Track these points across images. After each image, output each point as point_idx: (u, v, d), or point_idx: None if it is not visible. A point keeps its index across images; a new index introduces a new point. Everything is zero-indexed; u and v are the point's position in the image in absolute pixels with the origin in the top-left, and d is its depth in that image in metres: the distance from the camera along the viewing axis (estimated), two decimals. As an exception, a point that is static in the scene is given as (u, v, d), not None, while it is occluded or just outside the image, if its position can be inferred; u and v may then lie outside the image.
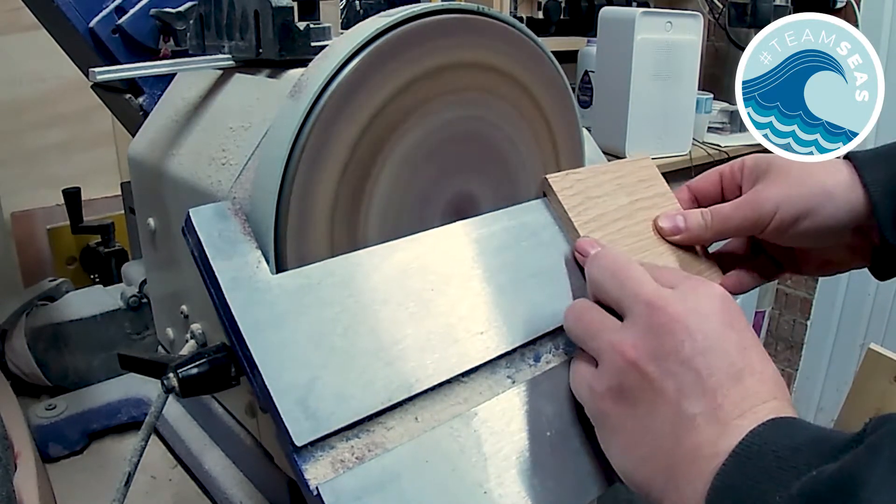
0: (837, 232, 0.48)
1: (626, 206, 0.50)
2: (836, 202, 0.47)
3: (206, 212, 0.38)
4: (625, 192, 0.50)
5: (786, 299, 2.15)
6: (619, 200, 0.49)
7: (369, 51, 0.39)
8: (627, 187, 0.51)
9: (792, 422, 0.32)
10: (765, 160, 0.49)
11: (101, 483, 0.64)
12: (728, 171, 0.52)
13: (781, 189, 0.47)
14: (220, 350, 0.41)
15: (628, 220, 0.49)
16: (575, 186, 0.48)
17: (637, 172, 0.52)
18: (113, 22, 0.64)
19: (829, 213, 0.47)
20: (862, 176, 0.47)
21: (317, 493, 0.33)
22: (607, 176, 0.50)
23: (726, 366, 0.34)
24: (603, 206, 0.48)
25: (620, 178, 0.51)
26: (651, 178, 0.53)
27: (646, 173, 0.53)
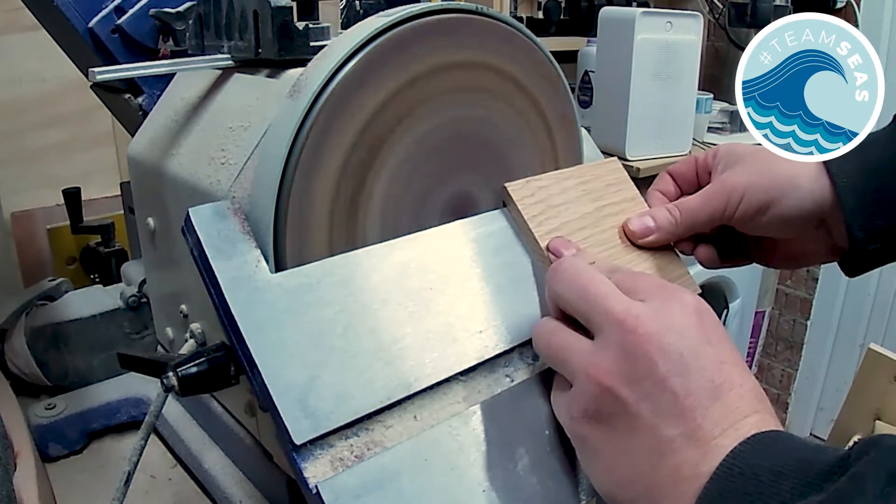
0: (802, 223, 0.48)
1: (592, 214, 0.48)
2: (801, 192, 0.46)
3: (205, 211, 0.39)
4: (591, 199, 0.48)
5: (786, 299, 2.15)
6: (585, 207, 0.48)
7: (368, 50, 0.39)
8: (593, 193, 0.49)
9: (774, 438, 0.31)
10: (737, 149, 0.49)
11: (100, 482, 0.64)
12: (703, 159, 0.52)
13: (748, 177, 0.47)
14: (220, 349, 0.41)
15: (594, 228, 0.47)
16: (537, 194, 0.46)
17: (604, 177, 0.50)
18: (112, 22, 0.64)
19: (793, 203, 0.47)
20: (829, 167, 0.46)
21: (316, 492, 0.33)
22: (571, 182, 0.48)
23: (704, 383, 0.33)
24: (567, 214, 0.46)
25: (586, 184, 0.49)
26: (619, 183, 0.51)
27: (613, 177, 0.51)
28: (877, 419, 1.01)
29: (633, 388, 0.33)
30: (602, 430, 0.35)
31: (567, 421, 0.37)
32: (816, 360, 2.12)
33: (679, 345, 0.34)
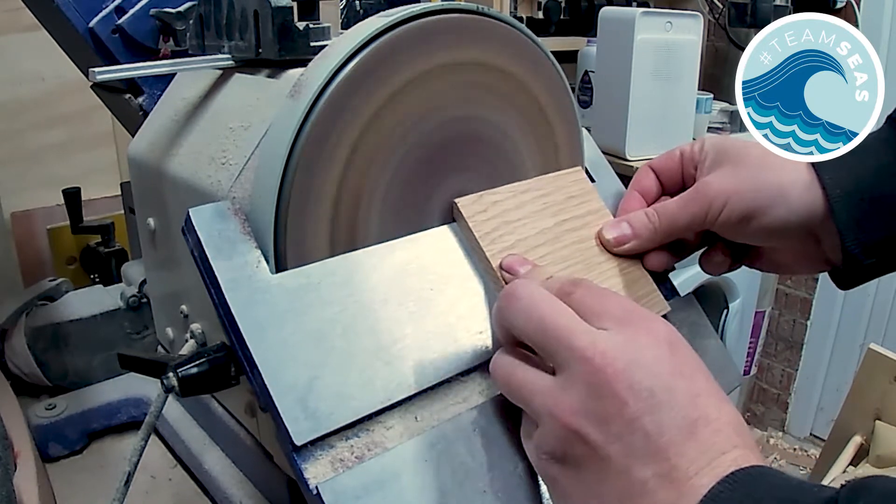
0: (789, 234, 0.45)
1: (552, 229, 0.45)
2: (790, 203, 0.43)
3: (205, 211, 0.39)
4: (550, 213, 0.46)
5: (786, 299, 2.15)
6: (544, 223, 0.45)
7: (369, 50, 0.39)
8: (554, 206, 0.46)
9: (755, 476, 0.29)
10: (724, 145, 0.46)
11: (100, 483, 0.64)
12: (688, 152, 0.48)
13: (733, 182, 0.44)
14: (220, 349, 0.41)
15: (554, 245, 0.45)
16: (490, 210, 0.44)
17: (566, 188, 0.47)
18: (113, 22, 0.64)
19: (780, 214, 0.44)
20: (821, 176, 0.43)
21: (316, 493, 0.33)
22: (529, 195, 0.46)
23: (678, 420, 0.31)
24: (524, 230, 0.44)
25: (546, 197, 0.46)
26: (582, 195, 0.48)
27: (577, 188, 0.48)
28: (877, 419, 1.01)
29: (602, 429, 0.31)
30: (571, 472, 0.33)
31: (535, 461, 0.35)
32: (816, 360, 2.12)
33: (649, 381, 0.31)
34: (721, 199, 0.44)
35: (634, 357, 0.32)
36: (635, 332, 0.33)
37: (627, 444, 0.31)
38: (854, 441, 1.02)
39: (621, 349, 0.32)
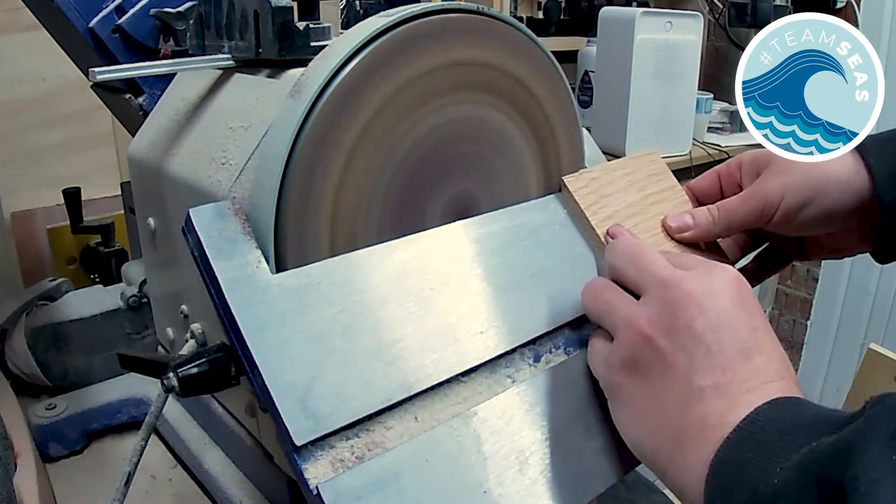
0: (843, 216, 0.48)
1: (639, 202, 0.51)
2: (841, 186, 0.47)
3: (206, 211, 0.39)
4: (636, 188, 0.51)
5: (786, 299, 2.15)
6: (632, 196, 0.51)
7: (369, 50, 0.39)
8: (638, 183, 0.52)
9: (797, 401, 0.33)
10: (765, 155, 0.50)
11: (101, 483, 0.64)
12: (726, 170, 0.53)
13: (785, 178, 0.48)
14: (220, 349, 0.41)
15: (642, 216, 0.50)
16: (589, 185, 0.50)
17: (646, 167, 0.53)
18: (113, 22, 0.64)
19: (834, 198, 0.47)
20: (866, 159, 0.47)
21: (317, 493, 0.33)
22: (618, 173, 0.51)
23: (737, 343, 0.35)
24: (616, 202, 0.50)
25: (631, 175, 0.52)
26: (660, 173, 0.54)
27: (654, 168, 0.54)
28: (877, 419, 1.01)
29: (672, 339, 0.36)
30: (637, 378, 0.37)
31: (603, 371, 0.40)
32: (816, 360, 2.12)
33: (716, 305, 0.36)
34: (777, 192, 0.48)
35: (706, 286, 0.37)
36: (710, 271, 0.38)
37: (691, 356, 0.35)
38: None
39: (696, 278, 0.37)
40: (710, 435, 0.34)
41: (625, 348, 0.38)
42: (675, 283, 0.37)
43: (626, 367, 0.38)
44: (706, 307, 0.36)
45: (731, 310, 0.36)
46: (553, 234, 0.48)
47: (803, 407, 0.33)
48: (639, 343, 0.37)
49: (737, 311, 0.36)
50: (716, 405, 0.34)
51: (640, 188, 0.52)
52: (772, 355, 0.36)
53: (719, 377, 0.35)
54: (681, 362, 0.36)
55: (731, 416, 0.33)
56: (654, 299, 0.38)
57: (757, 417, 0.33)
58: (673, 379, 0.36)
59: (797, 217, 0.48)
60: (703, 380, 0.35)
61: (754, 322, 0.37)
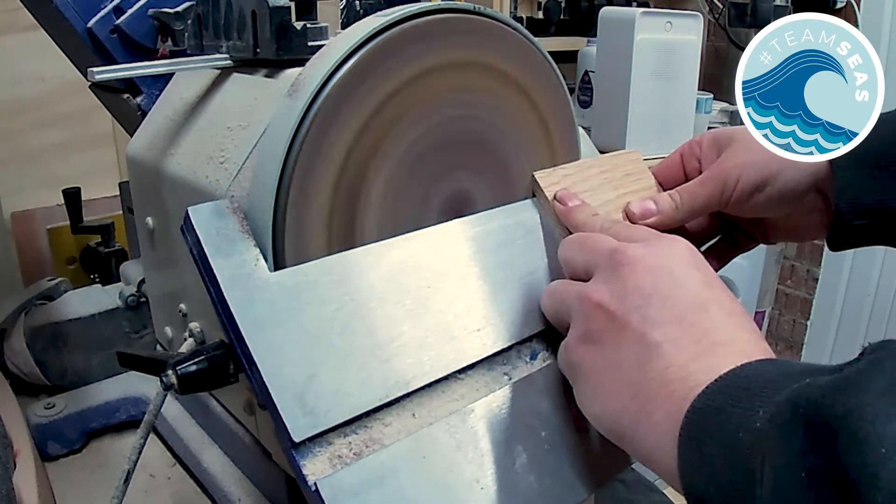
0: (798, 196, 0.48)
1: (613, 201, 0.50)
2: (798, 165, 0.46)
3: (204, 210, 0.39)
4: (611, 186, 0.50)
5: (786, 299, 2.15)
6: (606, 195, 0.50)
7: (366, 50, 0.39)
8: (614, 181, 0.51)
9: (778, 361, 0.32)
10: (725, 133, 0.49)
11: (100, 481, 0.64)
12: (687, 150, 0.52)
13: (742, 157, 0.47)
14: (219, 347, 0.41)
15: (614, 215, 0.49)
16: (562, 182, 0.49)
17: (624, 166, 0.52)
18: (111, 22, 0.64)
19: (790, 177, 0.47)
20: None
21: (315, 489, 0.33)
22: (594, 170, 0.51)
23: (691, 297, 0.35)
24: (589, 200, 0.48)
25: (607, 173, 0.51)
26: (638, 172, 0.53)
27: (633, 167, 0.53)
28: (876, 419, 1.01)
29: (622, 301, 0.35)
30: (594, 349, 0.36)
31: (564, 356, 0.39)
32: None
33: (667, 266, 0.36)
34: (735, 172, 0.47)
35: (654, 250, 0.37)
36: (658, 239, 0.38)
37: (644, 314, 0.34)
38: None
39: (644, 246, 0.37)
40: (676, 387, 0.32)
41: (579, 323, 0.37)
42: (621, 251, 0.37)
43: (583, 341, 0.37)
44: (655, 267, 0.35)
45: (682, 269, 0.36)
46: (549, 232, 0.48)
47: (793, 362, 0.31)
48: (591, 312, 0.36)
49: (688, 271, 0.36)
50: (676, 357, 0.33)
51: (615, 186, 0.51)
52: (732, 310, 0.35)
53: (675, 330, 0.34)
54: (633, 321, 0.35)
55: (695, 366, 0.32)
56: (603, 271, 0.37)
57: (741, 370, 0.31)
58: (628, 340, 0.35)
59: (752, 198, 0.47)
60: (658, 334, 0.34)
61: (709, 280, 0.36)
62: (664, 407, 0.32)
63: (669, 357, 0.33)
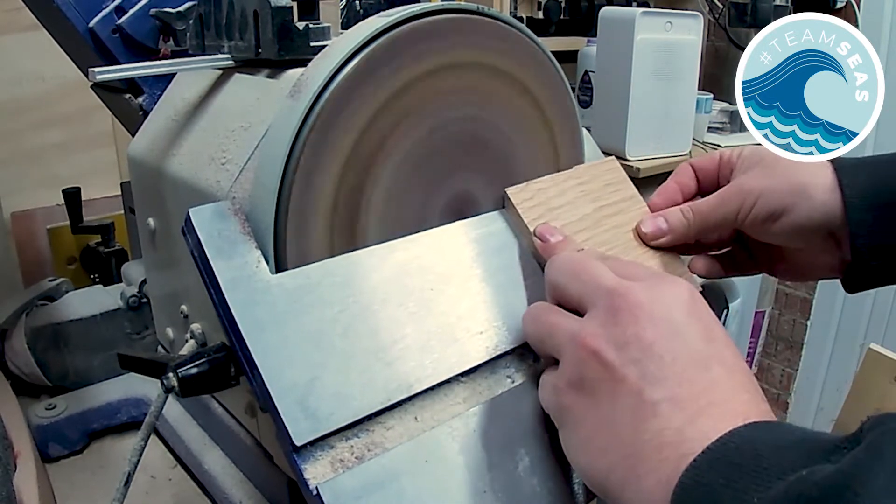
0: (811, 233, 0.47)
1: (592, 215, 0.48)
2: (813, 202, 0.45)
3: (205, 211, 0.39)
4: (589, 199, 0.48)
5: (786, 299, 2.15)
6: (584, 209, 0.48)
7: (369, 51, 0.39)
8: (592, 194, 0.49)
9: (775, 424, 0.30)
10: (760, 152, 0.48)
11: (101, 483, 0.64)
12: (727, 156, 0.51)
13: (763, 182, 0.47)
14: (220, 350, 0.41)
15: (594, 230, 0.47)
16: (536, 197, 0.47)
17: (602, 177, 0.50)
18: (113, 22, 0.64)
19: (804, 213, 0.46)
20: (840, 179, 0.45)
21: (316, 493, 0.33)
22: (570, 183, 0.48)
23: (692, 352, 0.32)
24: (566, 215, 0.47)
25: (584, 185, 0.49)
26: (617, 182, 0.51)
27: (611, 177, 0.51)
28: (877, 419, 1.01)
29: (620, 352, 0.33)
30: (586, 398, 0.34)
31: (551, 397, 0.36)
32: (816, 360, 2.12)
33: (669, 315, 0.33)
34: (752, 196, 0.46)
35: (657, 295, 0.34)
36: (660, 281, 0.35)
37: (642, 368, 0.32)
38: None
39: (645, 290, 0.34)
40: (668, 453, 0.30)
41: (571, 368, 0.35)
42: (621, 293, 0.34)
43: (574, 387, 0.34)
44: (657, 316, 0.33)
45: (684, 320, 0.33)
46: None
47: (786, 429, 0.29)
48: (585, 359, 0.34)
49: (691, 322, 0.33)
50: (672, 419, 0.31)
51: (593, 199, 0.48)
52: (734, 367, 0.33)
53: (674, 389, 0.31)
54: (631, 376, 0.32)
55: (690, 431, 0.30)
56: (600, 311, 0.34)
57: (730, 439, 0.29)
58: (623, 395, 0.32)
59: (766, 224, 0.47)
60: (656, 392, 0.32)
61: (711, 333, 0.34)
62: (655, 473, 0.30)
63: (665, 419, 0.31)
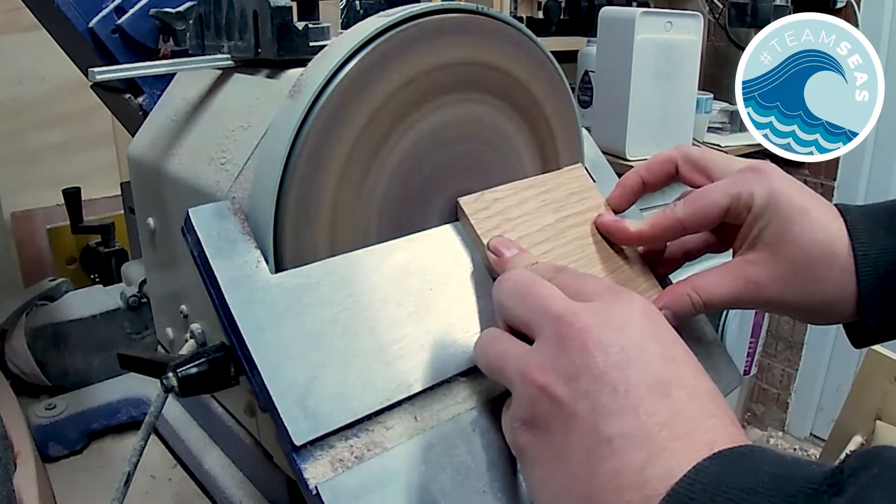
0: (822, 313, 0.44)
1: (554, 225, 0.45)
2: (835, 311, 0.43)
3: (205, 211, 0.39)
4: (551, 210, 0.46)
5: (786, 299, 2.14)
6: (545, 219, 0.45)
7: (368, 50, 0.39)
8: (555, 203, 0.46)
9: (745, 451, 0.27)
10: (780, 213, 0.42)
11: (100, 483, 0.64)
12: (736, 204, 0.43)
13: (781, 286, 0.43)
14: (220, 349, 0.41)
15: (556, 241, 0.45)
16: (492, 207, 0.44)
17: (567, 185, 0.48)
18: (112, 22, 0.64)
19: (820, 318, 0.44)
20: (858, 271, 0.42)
21: (316, 493, 0.33)
22: (531, 192, 0.46)
23: (649, 378, 0.30)
24: (525, 226, 0.44)
25: (547, 194, 0.47)
26: (582, 191, 0.48)
27: (577, 185, 0.48)
28: (877, 419, 1.01)
29: (570, 385, 0.30)
30: (540, 436, 0.32)
31: (509, 434, 0.35)
32: (816, 360, 2.12)
33: (620, 339, 0.31)
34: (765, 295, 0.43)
35: (606, 318, 0.31)
36: (612, 301, 0.33)
37: (594, 401, 0.30)
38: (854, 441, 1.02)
39: (594, 311, 0.32)
40: (631, 497, 0.27)
41: (522, 405, 0.32)
42: (569, 320, 0.31)
43: (527, 425, 0.32)
44: (606, 342, 0.30)
45: (637, 342, 0.31)
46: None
47: (757, 460, 0.26)
48: (535, 396, 0.31)
49: (645, 343, 0.31)
50: (631, 458, 0.28)
51: (556, 209, 0.46)
52: (695, 389, 0.30)
53: (630, 422, 0.28)
54: (583, 410, 0.30)
55: (652, 469, 0.27)
56: (548, 340, 0.32)
57: (697, 478, 0.26)
58: (577, 431, 0.30)
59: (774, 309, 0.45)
60: (612, 427, 0.29)
61: (670, 353, 0.31)
62: None
63: (624, 457, 0.28)
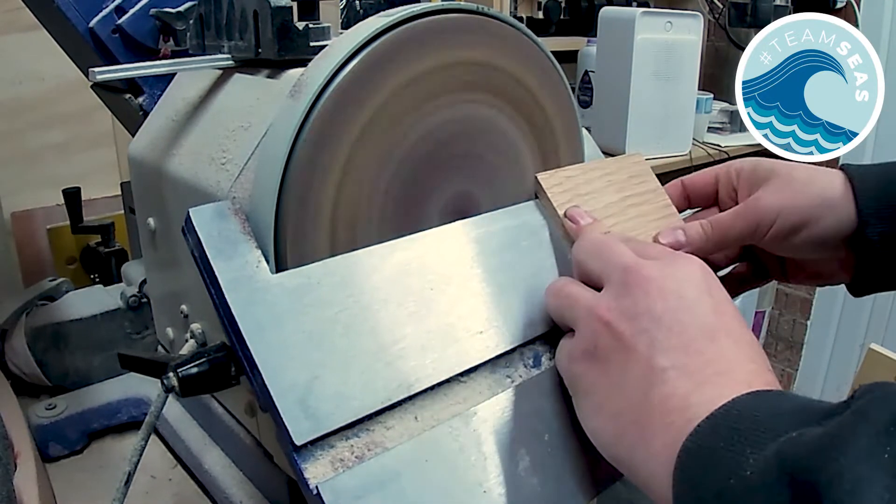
0: (833, 243, 0.47)
1: (617, 203, 0.49)
2: (837, 212, 0.46)
3: (206, 211, 0.39)
4: (615, 189, 0.50)
5: (786, 299, 2.15)
6: (609, 197, 0.49)
7: (369, 51, 0.39)
8: (617, 184, 0.50)
9: (779, 392, 0.32)
10: (765, 166, 0.49)
11: (101, 483, 0.64)
12: (724, 174, 0.51)
13: (783, 197, 0.47)
14: (220, 349, 0.41)
15: (619, 217, 0.49)
16: (564, 184, 0.48)
17: (628, 169, 0.52)
18: (113, 22, 0.64)
19: (827, 224, 0.46)
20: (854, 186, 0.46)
21: (316, 493, 0.33)
22: (597, 173, 0.50)
23: (700, 324, 0.34)
24: (593, 203, 0.48)
25: (611, 175, 0.51)
26: (642, 175, 0.52)
27: (636, 169, 0.52)
28: (877, 419, 1.01)
29: (632, 323, 0.35)
30: (599, 366, 0.36)
31: (566, 364, 0.39)
32: (816, 360, 2.12)
33: (679, 289, 0.35)
34: (772, 212, 0.47)
35: (669, 271, 0.36)
36: (674, 260, 0.38)
37: (652, 338, 0.34)
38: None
39: (658, 266, 0.37)
40: (675, 418, 0.32)
41: (586, 338, 0.37)
42: (635, 269, 0.36)
43: (588, 356, 0.37)
44: (668, 290, 0.35)
45: (694, 294, 0.35)
46: (553, 233, 0.47)
47: (786, 397, 0.31)
48: (599, 330, 0.36)
49: (701, 296, 0.35)
50: (678, 386, 0.33)
51: (619, 189, 0.50)
52: (741, 338, 0.35)
53: (681, 357, 0.33)
54: (641, 345, 0.34)
55: (696, 397, 0.32)
56: (615, 286, 0.37)
57: (733, 406, 0.31)
58: (634, 362, 0.34)
59: (788, 239, 0.47)
60: (665, 360, 0.33)
61: (720, 307, 0.35)
62: (662, 437, 0.32)
63: (672, 385, 0.33)
